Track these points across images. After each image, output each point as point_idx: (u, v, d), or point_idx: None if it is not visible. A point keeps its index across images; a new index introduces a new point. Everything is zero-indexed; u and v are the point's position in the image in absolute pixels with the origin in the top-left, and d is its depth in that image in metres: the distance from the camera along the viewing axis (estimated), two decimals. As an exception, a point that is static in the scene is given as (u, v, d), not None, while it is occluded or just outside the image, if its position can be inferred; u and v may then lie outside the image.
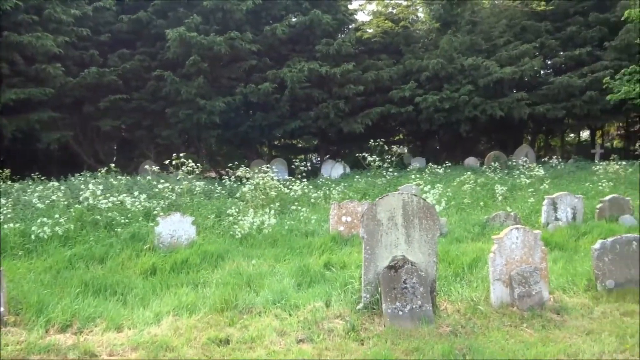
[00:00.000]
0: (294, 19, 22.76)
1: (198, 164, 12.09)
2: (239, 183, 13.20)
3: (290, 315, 5.05)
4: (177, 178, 11.87)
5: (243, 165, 13.25)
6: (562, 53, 24.87)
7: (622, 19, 21.95)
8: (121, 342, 4.48)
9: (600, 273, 5.44)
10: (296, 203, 11.45)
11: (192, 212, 9.86)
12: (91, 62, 19.65)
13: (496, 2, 27.76)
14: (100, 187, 10.15)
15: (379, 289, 4.99)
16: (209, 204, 11.22)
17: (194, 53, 19.51)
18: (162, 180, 11.25)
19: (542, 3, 24.73)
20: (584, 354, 3.99)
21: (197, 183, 12.23)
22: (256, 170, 12.57)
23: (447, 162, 18.76)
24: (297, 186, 12.13)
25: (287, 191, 12.14)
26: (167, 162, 11.83)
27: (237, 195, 12.53)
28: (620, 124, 31.13)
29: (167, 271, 6.77)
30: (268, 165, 14.03)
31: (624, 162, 16.16)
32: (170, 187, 11.02)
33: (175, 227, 8.07)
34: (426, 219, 5.11)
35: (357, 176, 17.38)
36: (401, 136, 29.22)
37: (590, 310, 4.99)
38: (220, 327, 4.80)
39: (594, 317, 4.81)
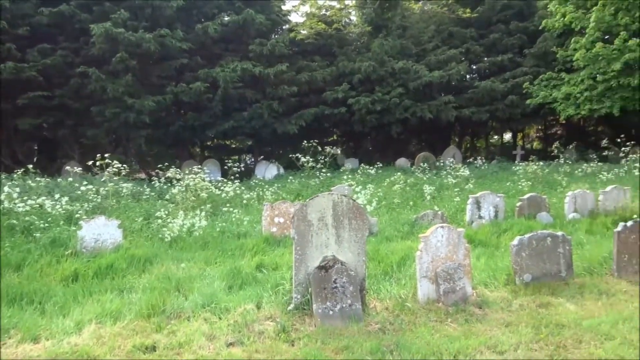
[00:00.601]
0: (226, 18, 22.46)
1: (125, 165, 11.63)
2: (169, 184, 12.82)
3: (220, 318, 4.96)
4: (102, 180, 11.37)
5: (174, 166, 12.87)
6: (486, 59, 26.12)
7: (540, 28, 23.41)
8: (38, 354, 4.23)
9: (518, 268, 5.74)
10: (228, 204, 11.28)
11: (119, 215, 9.48)
12: (8, 57, 18.43)
13: (425, 8, 28.70)
14: (17, 189, 9.53)
15: (310, 289, 5.01)
16: (137, 207, 10.84)
17: (122, 50, 18.75)
18: (85, 182, 10.74)
19: (468, 10, 25.84)
20: (502, 345, 4.19)
21: (125, 185, 11.78)
22: (187, 171, 12.28)
23: (379, 162, 19.17)
24: (230, 187, 11.96)
25: (219, 192, 11.94)
26: (91, 162, 11.30)
27: (167, 197, 12.19)
28: (539, 127, 33.09)
29: (90, 277, 6.47)
30: (200, 166, 13.74)
31: (541, 163, 17.17)
32: (94, 189, 10.54)
33: (100, 231, 7.73)
34: (356, 219, 5.19)
35: (290, 177, 17.40)
36: (335, 137, 29.55)
37: (509, 303, 5.25)
38: (146, 333, 4.64)
39: (512, 310, 5.07)
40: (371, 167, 17.48)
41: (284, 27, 25.57)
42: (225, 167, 16.46)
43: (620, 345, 4.10)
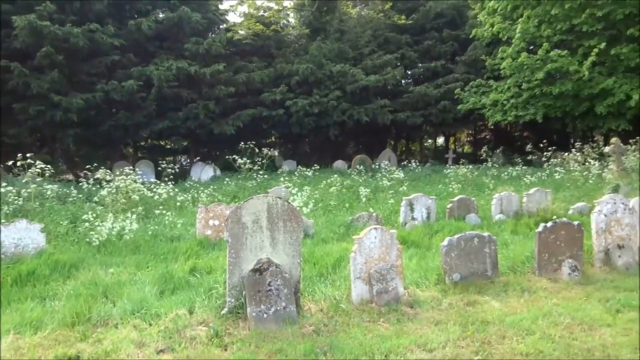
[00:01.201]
0: (161, 15, 21.87)
1: (49, 166, 11.03)
2: (98, 186, 12.29)
3: (150, 325, 4.81)
4: (24, 181, 10.73)
5: (103, 167, 12.34)
6: (420, 64, 26.97)
7: (471, 36, 24.44)
8: (-54, 369, 3.93)
9: (447, 267, 5.94)
10: (161, 207, 10.96)
11: (43, 219, 8.99)
12: None
13: (362, 13, 29.22)
14: None
15: (244, 292, 4.96)
16: (62, 209, 10.31)
17: (47, 44, 17.78)
18: (5, 184, 10.09)
19: (403, 17, 26.55)
20: (432, 343, 4.32)
21: (49, 186, 11.17)
22: (118, 173, 11.82)
23: (316, 164, 19.29)
24: (163, 189, 11.62)
25: (152, 194, 11.58)
26: (11, 163, 10.63)
27: (96, 199, 11.67)
28: (470, 132, 34.50)
29: (9, 285, 6.08)
30: (132, 167, 13.26)
31: (471, 166, 17.89)
32: (15, 191, 9.93)
33: (21, 235, 7.30)
34: (290, 221, 5.18)
35: (227, 179, 17.15)
36: (273, 139, 29.45)
37: (439, 302, 5.42)
38: (70, 343, 4.41)
39: (442, 309, 5.23)
40: (308, 169, 17.56)
41: (221, 27, 25.24)
42: (160, 168, 15.96)
43: (540, 340, 4.33)
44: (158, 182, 12.99)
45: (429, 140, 36.64)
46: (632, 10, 18.58)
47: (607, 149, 14.59)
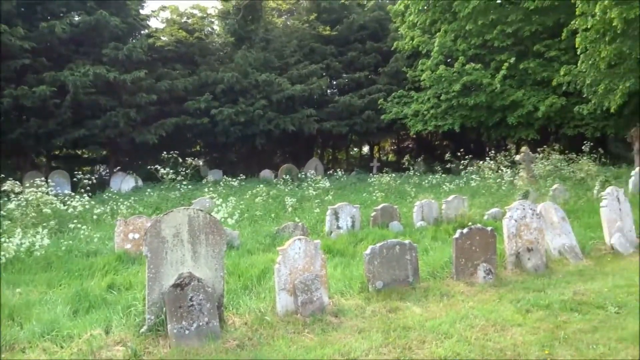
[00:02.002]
0: (77, 18, 20.85)
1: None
2: (5, 199, 11.45)
3: (62, 347, 4.52)
4: None
5: (12, 179, 11.52)
6: (345, 75, 27.51)
7: (392, 49, 25.28)
8: None
9: (371, 275, 6.06)
10: (76, 220, 10.39)
11: (-60, 236, 8.24)
12: None
13: (288, 23, 29.40)
14: None
15: (164, 309, 4.79)
16: (-37, 225, 9.51)
17: (-53, 45, 16.48)
18: None
19: (327, 28, 27.00)
20: (355, 352, 4.37)
21: (-52, 200, 10.27)
22: (28, 184, 11.08)
23: (243, 174, 19.09)
24: (78, 201, 11.02)
25: (66, 207, 10.95)
26: None
27: (3, 213, 10.86)
28: (393, 140, 35.55)
29: None
30: (44, 178, 12.49)
31: (394, 175, 18.42)
32: None
33: None
34: (213, 234, 5.08)
35: (149, 189, 16.57)
36: (198, 148, 28.86)
37: (363, 310, 5.51)
38: (-31, 372, 4.06)
39: (365, 316, 5.32)
40: (234, 179, 17.33)
41: (142, 32, 24.44)
42: (76, 179, 15.11)
43: (457, 343, 4.51)
44: (73, 194, 12.30)
45: (355, 149, 37.36)
46: (537, 27, 20.03)
47: (517, 157, 15.54)
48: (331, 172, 22.38)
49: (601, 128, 20.06)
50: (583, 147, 16.55)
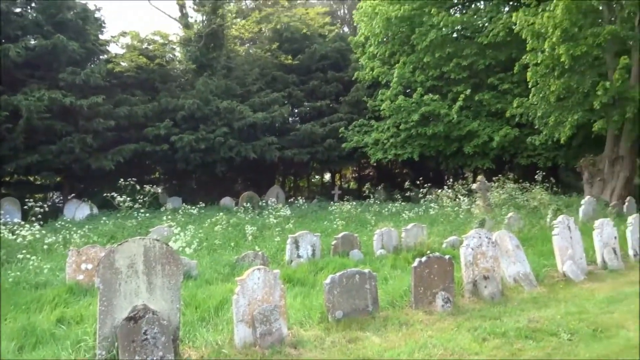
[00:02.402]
0: (33, 42, 20.39)
1: None
2: (-51, 228, 10.91)
3: (4, 387, 4.28)
4: None
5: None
6: (306, 103, 27.81)
7: (353, 78, 25.79)
8: None
9: (330, 305, 6.02)
10: (25, 250, 9.95)
11: None
12: None
13: (250, 51, 29.62)
14: None
15: (117, 343, 4.61)
16: None
17: None
18: None
19: (289, 58, 27.34)
20: (314, 385, 4.31)
21: None
22: (-26, 213, 10.60)
23: (203, 202, 18.81)
24: (27, 231, 10.57)
25: (14, 237, 10.49)
26: None
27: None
28: (354, 168, 35.91)
29: None
30: (-8, 206, 11.97)
31: (354, 203, 18.55)
32: None
33: None
34: (169, 265, 4.96)
35: (105, 218, 16.11)
36: (157, 174, 28.34)
37: (322, 341, 5.45)
38: None
39: (325, 347, 5.26)
40: (194, 207, 17.05)
41: (101, 57, 24.08)
42: (27, 207, 14.52)
43: (416, 373, 4.52)
44: (23, 222, 11.82)
45: (317, 177, 37.51)
46: (491, 61, 20.87)
47: (474, 186, 15.95)
48: (292, 200, 22.35)
49: (552, 158, 20.88)
50: (536, 177, 17.16)
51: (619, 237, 9.38)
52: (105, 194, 16.86)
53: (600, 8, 15.73)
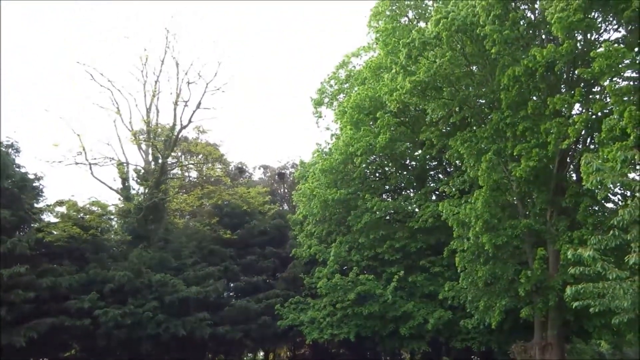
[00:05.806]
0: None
1: None
2: None
3: None
4: None
5: None
6: (243, 278, 27.45)
7: (291, 255, 26.14)
8: None
9: None
10: None
11: None
12: None
13: (190, 224, 29.86)
14: None
15: None
16: None
17: None
18: None
19: (228, 232, 27.68)
20: None
21: None
22: None
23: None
24: None
25: None
26: None
27: None
28: (289, 347, 34.34)
29: None
30: None
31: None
32: None
33: None
34: None
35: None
36: (73, 352, 25.81)
37: None
38: None
39: None
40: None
41: (32, 225, 23.38)
42: None
43: None
44: None
45: (249, 354, 35.42)
46: (422, 244, 21.99)
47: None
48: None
49: (486, 342, 20.98)
50: (472, 363, 17.02)
51: None
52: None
53: (515, 203, 17.43)
